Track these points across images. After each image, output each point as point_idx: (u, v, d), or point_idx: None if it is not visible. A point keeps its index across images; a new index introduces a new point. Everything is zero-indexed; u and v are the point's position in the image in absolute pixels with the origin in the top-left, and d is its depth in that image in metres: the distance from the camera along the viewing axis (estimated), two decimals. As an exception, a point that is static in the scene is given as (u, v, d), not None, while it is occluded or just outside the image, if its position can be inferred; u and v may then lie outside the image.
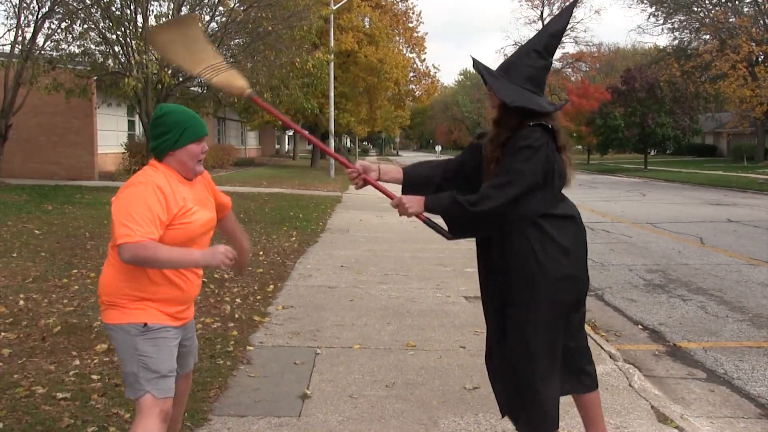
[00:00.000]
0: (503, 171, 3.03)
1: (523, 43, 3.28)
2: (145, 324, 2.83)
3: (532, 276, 3.08)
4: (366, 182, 3.32)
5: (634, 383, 4.78)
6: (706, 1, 46.87)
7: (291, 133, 65.82)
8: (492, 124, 3.20)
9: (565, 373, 3.27)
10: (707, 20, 44.29)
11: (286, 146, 78.04)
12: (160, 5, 24.57)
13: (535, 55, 3.12)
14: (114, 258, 2.86)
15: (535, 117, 3.05)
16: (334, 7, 28.73)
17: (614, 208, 18.19)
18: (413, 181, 3.39)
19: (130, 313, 2.83)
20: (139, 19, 15.96)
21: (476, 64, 3.24)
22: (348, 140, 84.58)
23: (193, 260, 2.84)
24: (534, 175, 2.99)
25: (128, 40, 15.73)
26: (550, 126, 3.06)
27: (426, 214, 3.18)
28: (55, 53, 16.49)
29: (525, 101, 3.03)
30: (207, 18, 17.18)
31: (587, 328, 6.18)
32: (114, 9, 15.88)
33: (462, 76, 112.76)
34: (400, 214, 3.22)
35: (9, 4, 16.11)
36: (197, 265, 2.86)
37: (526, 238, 3.08)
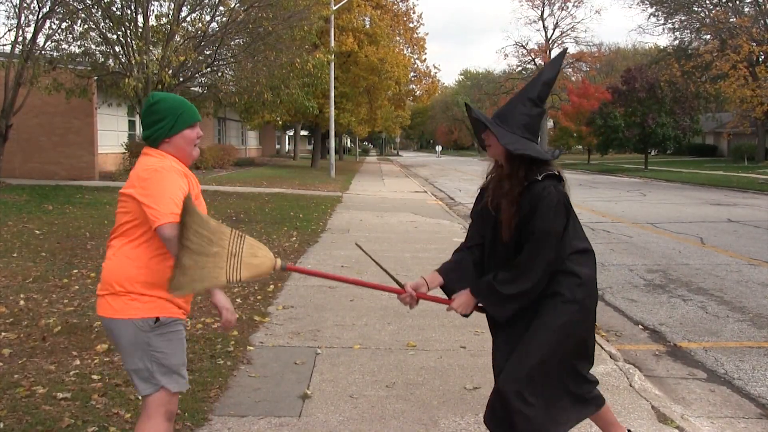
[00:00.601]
0: (531, 243, 3.04)
1: (516, 92, 3.31)
2: (158, 319, 2.82)
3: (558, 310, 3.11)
4: (419, 299, 3.32)
5: (635, 383, 4.78)
6: (707, 1, 46.89)
7: (291, 132, 65.82)
8: (503, 178, 3.18)
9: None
10: (708, 20, 44.31)
11: (287, 146, 78.08)
12: (161, 5, 24.58)
13: (530, 104, 3.16)
14: (128, 246, 2.84)
15: (538, 165, 3.09)
16: (335, 8, 28.74)
17: (614, 208, 18.19)
18: (452, 276, 3.36)
19: (141, 306, 2.80)
20: (140, 19, 15.96)
21: (473, 112, 3.25)
22: (348, 140, 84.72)
23: None
24: (559, 230, 3.05)
25: (129, 40, 15.74)
26: (557, 172, 3.10)
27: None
28: (55, 53, 16.50)
29: (527, 149, 3.06)
30: (207, 18, 17.18)
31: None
32: (114, 9, 15.89)
33: (462, 77, 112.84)
34: (462, 315, 3.31)
35: (9, 4, 16.16)
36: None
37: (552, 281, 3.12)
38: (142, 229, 2.82)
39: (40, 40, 15.87)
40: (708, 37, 45.24)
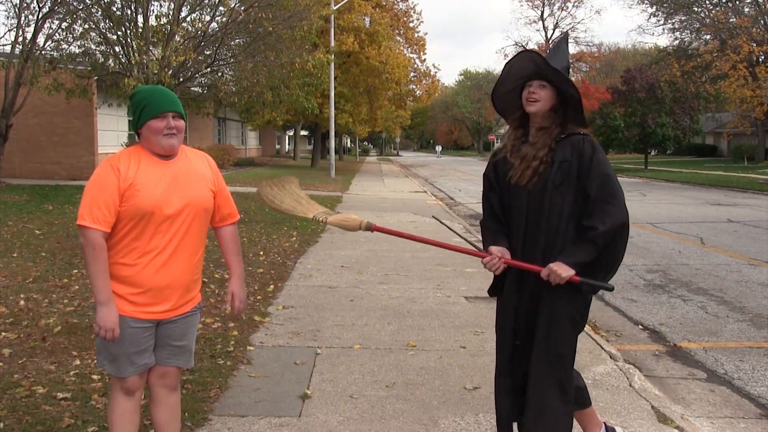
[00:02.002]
0: (603, 182, 3.00)
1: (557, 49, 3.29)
2: None
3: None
4: (506, 264, 3.14)
5: (635, 383, 4.78)
6: (707, 2, 46.86)
7: (291, 133, 65.83)
8: (536, 131, 3.16)
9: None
10: (708, 20, 44.29)
11: (287, 146, 78.06)
12: (161, 5, 24.55)
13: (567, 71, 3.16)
14: None
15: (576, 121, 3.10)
16: (335, 8, 28.73)
17: (614, 209, 18.15)
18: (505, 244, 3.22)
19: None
20: (140, 19, 15.94)
21: (534, 55, 3.15)
22: (348, 140, 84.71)
23: (99, 293, 2.87)
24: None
25: (129, 40, 15.71)
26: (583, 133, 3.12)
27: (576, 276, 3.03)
28: (55, 53, 16.46)
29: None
30: (207, 18, 17.16)
31: (587, 329, 6.18)
32: (114, 9, 15.86)
33: (462, 77, 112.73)
34: (554, 283, 3.01)
35: (9, 4, 16.09)
36: (96, 297, 2.88)
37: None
38: None
39: (40, 40, 15.86)
40: (708, 37, 45.22)
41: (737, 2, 45.16)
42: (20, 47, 15.36)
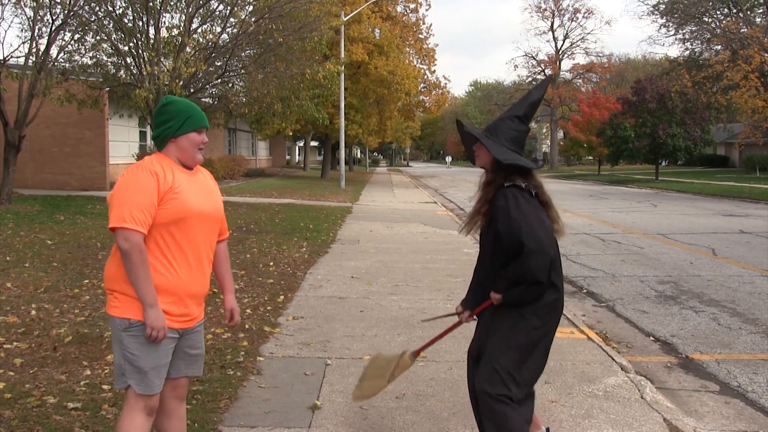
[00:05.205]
0: (508, 225, 3.32)
1: (504, 111, 3.70)
2: (130, 320, 2.88)
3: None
4: (471, 316, 3.74)
5: (646, 395, 4.74)
6: (718, 12, 46.75)
7: (301, 143, 66.02)
8: (483, 186, 3.56)
9: None
10: (718, 31, 44.14)
11: (297, 157, 78.25)
12: (172, 17, 24.74)
13: (517, 121, 3.53)
14: (114, 247, 2.95)
15: (515, 175, 3.42)
16: (345, 19, 28.85)
17: (625, 219, 18.12)
18: (477, 291, 3.71)
19: (120, 306, 2.90)
20: (151, 30, 16.08)
21: (464, 127, 3.62)
22: (358, 151, 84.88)
23: (148, 296, 2.83)
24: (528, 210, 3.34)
25: (140, 51, 15.84)
26: (523, 185, 3.39)
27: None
28: (68, 65, 16.62)
29: (515, 159, 3.40)
30: (218, 29, 17.28)
31: (599, 339, 6.15)
32: (126, 21, 16.01)
33: (472, 87, 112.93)
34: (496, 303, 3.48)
35: (24, 17, 16.20)
36: (144, 300, 2.83)
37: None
38: None
39: (53, 51, 16.01)
40: (719, 47, 45.06)
41: (748, 12, 45.04)
42: (33, 59, 15.49)
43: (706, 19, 46.48)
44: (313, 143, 61.31)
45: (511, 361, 3.37)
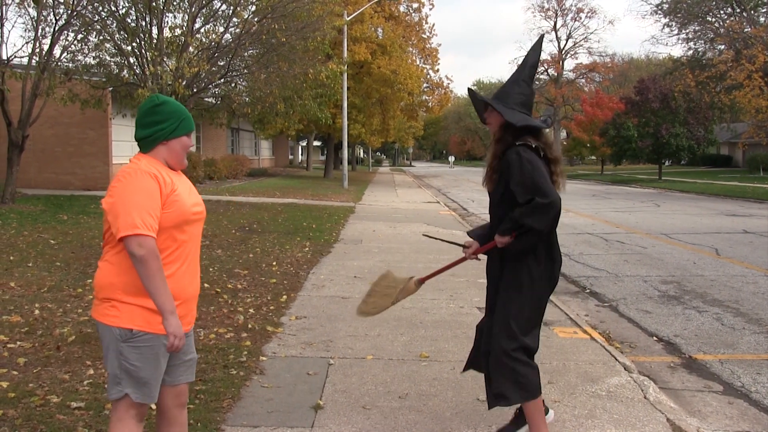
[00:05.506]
0: (521, 183, 3.61)
1: (509, 77, 3.96)
2: (132, 330, 2.78)
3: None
4: (475, 253, 4.05)
5: (649, 395, 4.74)
6: (721, 12, 46.65)
7: (304, 143, 66.04)
8: (493, 143, 3.87)
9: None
10: (722, 30, 44.06)
11: (300, 157, 78.31)
12: (175, 17, 24.78)
13: (524, 84, 3.82)
14: (111, 253, 2.84)
15: (527, 135, 3.72)
16: (348, 18, 28.85)
17: (628, 219, 18.10)
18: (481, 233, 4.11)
19: (119, 315, 2.78)
20: (154, 30, 16.08)
21: (474, 94, 3.94)
22: (361, 150, 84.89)
23: (167, 303, 2.75)
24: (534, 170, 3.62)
25: (143, 51, 15.85)
26: (534, 145, 3.69)
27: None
28: (71, 64, 16.64)
29: (527, 121, 3.71)
30: (221, 29, 17.28)
31: (602, 339, 6.14)
32: (129, 21, 16.02)
33: (475, 87, 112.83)
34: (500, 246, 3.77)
35: (27, 17, 16.23)
36: (163, 308, 2.74)
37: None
38: None
39: (57, 51, 16.02)
40: (722, 47, 44.97)
41: (752, 12, 44.95)
42: (37, 59, 15.51)
43: (710, 19, 46.38)
44: (316, 143, 61.41)
45: (518, 321, 3.70)
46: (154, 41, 15.80)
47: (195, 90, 16.50)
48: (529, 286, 3.72)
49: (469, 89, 4.12)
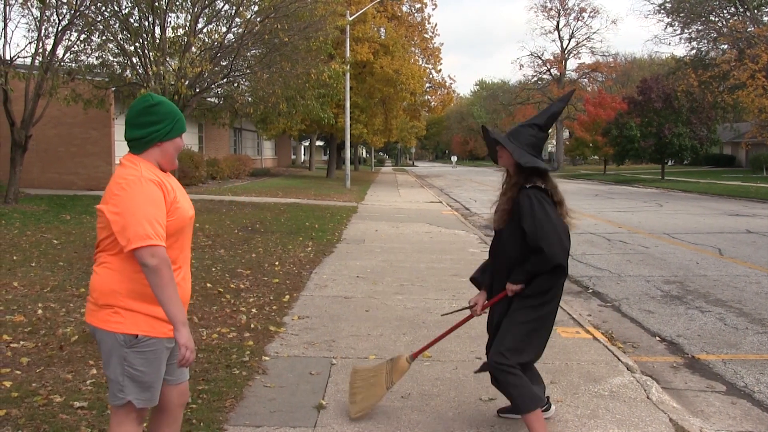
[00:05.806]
0: (533, 225, 3.74)
1: (528, 118, 4.12)
2: (136, 336, 2.76)
3: None
4: (483, 308, 4.13)
5: (652, 395, 4.73)
6: (724, 11, 46.57)
7: (307, 143, 66.06)
8: (510, 187, 3.95)
9: None
10: (725, 30, 43.98)
11: (302, 156, 78.31)
12: (177, 17, 24.74)
13: (537, 129, 3.94)
14: (112, 259, 2.79)
15: (534, 176, 3.83)
16: (350, 18, 28.85)
17: (631, 219, 18.07)
18: (487, 282, 4.18)
19: (123, 321, 2.76)
20: (157, 30, 16.10)
21: (487, 132, 4.08)
22: (364, 150, 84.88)
23: (180, 314, 2.71)
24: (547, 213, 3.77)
25: (146, 51, 15.86)
26: (543, 186, 3.82)
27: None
28: (74, 65, 16.66)
29: (534, 162, 3.82)
30: (224, 29, 17.29)
31: (604, 339, 6.13)
32: (132, 21, 16.04)
33: (478, 87, 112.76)
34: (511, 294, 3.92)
35: (31, 17, 16.29)
36: (176, 319, 2.70)
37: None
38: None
39: (60, 51, 16.04)
40: (725, 46, 44.88)
41: (755, 11, 44.87)
42: (40, 59, 15.54)
43: (713, 18, 46.32)
44: (319, 143, 61.45)
45: (519, 336, 3.80)
46: (157, 41, 15.81)
47: (198, 90, 16.51)
48: (540, 304, 3.89)
49: (483, 127, 4.23)
